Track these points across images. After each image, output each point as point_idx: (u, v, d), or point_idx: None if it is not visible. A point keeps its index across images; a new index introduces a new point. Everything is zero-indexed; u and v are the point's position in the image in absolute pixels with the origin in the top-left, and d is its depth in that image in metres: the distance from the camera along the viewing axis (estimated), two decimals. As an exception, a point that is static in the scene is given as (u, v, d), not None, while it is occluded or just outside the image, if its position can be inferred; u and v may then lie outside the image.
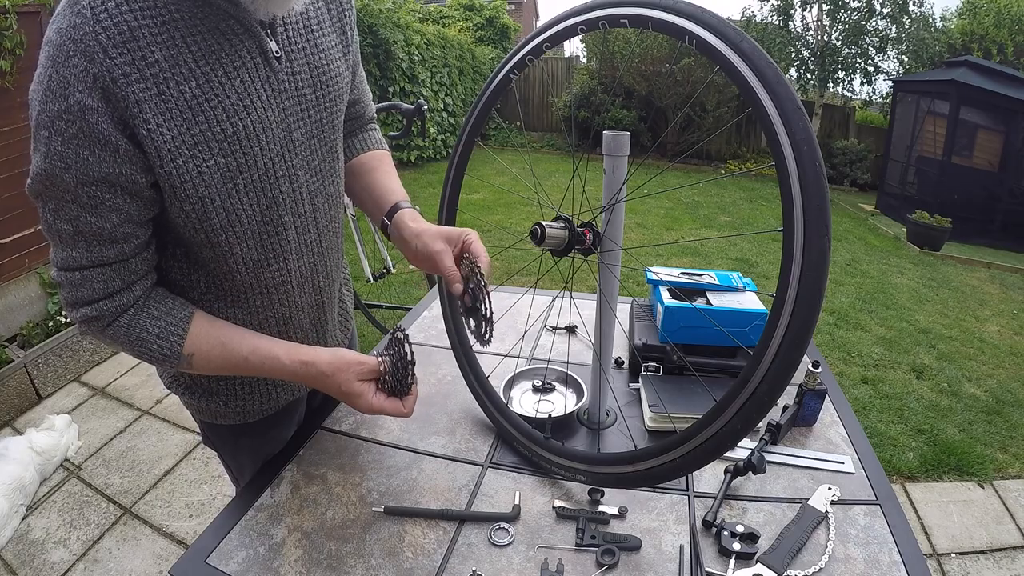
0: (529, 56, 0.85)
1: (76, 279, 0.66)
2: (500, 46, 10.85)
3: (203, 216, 0.68)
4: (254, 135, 0.68)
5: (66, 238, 0.64)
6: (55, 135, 0.58)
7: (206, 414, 0.92)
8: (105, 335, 0.70)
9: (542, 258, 0.86)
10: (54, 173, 0.60)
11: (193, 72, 0.62)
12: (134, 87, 0.59)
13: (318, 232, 0.84)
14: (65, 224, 0.63)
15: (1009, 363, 3.24)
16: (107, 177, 0.61)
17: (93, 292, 0.67)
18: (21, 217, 2.72)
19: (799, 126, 0.56)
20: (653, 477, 0.71)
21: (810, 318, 0.56)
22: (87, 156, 0.59)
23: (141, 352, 0.71)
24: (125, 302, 0.69)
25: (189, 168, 0.64)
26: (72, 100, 0.57)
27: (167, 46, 0.60)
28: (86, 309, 0.68)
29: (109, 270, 0.67)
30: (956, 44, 8.28)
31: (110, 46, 0.57)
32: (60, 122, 0.58)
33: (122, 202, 0.63)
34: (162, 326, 0.71)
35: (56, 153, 0.59)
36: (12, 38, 2.50)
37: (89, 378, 2.73)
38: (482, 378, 1.01)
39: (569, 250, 0.82)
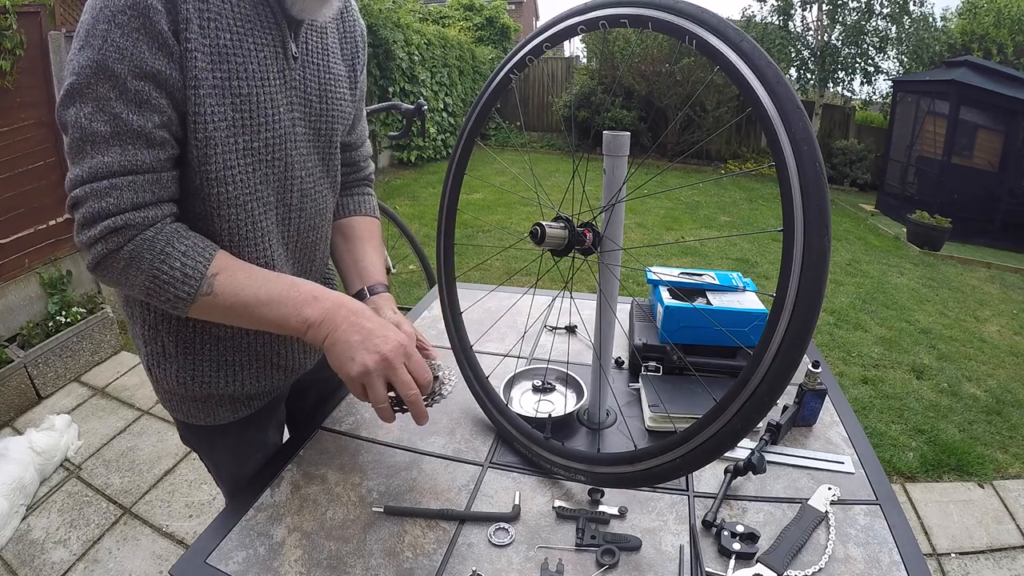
0: (529, 56, 0.85)
1: (103, 188, 0.63)
2: (500, 46, 10.85)
3: (203, 158, 0.69)
4: (263, 106, 0.72)
5: (99, 142, 0.62)
6: (115, 27, 0.60)
7: (180, 412, 0.90)
8: (121, 254, 0.65)
9: (542, 258, 0.86)
10: (107, 64, 0.61)
11: (230, 27, 0.67)
12: (189, 6, 0.63)
13: (298, 232, 0.85)
14: (103, 125, 0.62)
15: (1009, 363, 3.24)
16: (158, 74, 0.63)
17: (121, 202, 0.64)
18: (21, 217, 2.72)
19: (799, 126, 0.56)
20: (653, 477, 0.71)
21: (810, 318, 0.56)
22: (144, 49, 0.62)
23: (160, 269, 0.66)
24: (153, 216, 0.66)
25: (206, 104, 0.67)
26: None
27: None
28: (108, 221, 0.63)
29: (142, 179, 0.65)
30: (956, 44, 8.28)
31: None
32: (123, 16, 0.60)
33: (166, 104, 0.65)
34: (190, 244, 0.68)
35: (113, 44, 0.61)
36: (12, 38, 2.50)
37: (89, 378, 2.73)
38: (482, 378, 1.01)
39: (569, 250, 0.82)
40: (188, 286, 0.67)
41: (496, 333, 1.35)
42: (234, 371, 0.87)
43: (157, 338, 0.82)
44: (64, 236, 2.95)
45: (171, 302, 0.68)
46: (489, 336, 1.34)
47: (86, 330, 2.75)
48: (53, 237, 2.90)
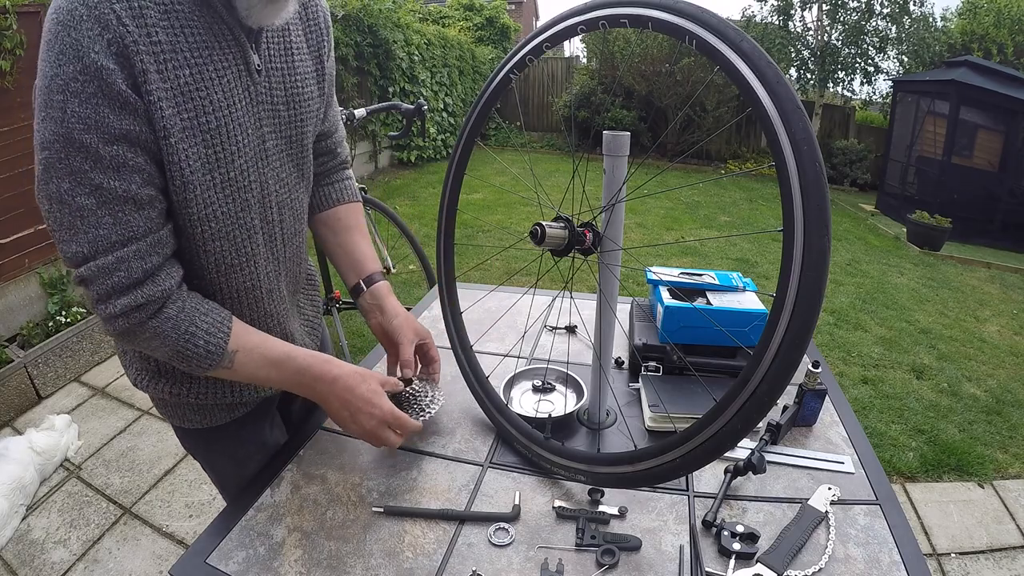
0: (529, 56, 0.85)
1: (109, 263, 0.63)
2: (500, 46, 10.85)
3: (184, 202, 0.69)
4: (233, 134, 0.70)
5: (88, 215, 0.61)
6: (71, 97, 0.58)
7: (175, 417, 0.91)
8: (146, 329, 0.67)
9: (542, 258, 0.86)
10: (72, 136, 0.59)
11: (188, 61, 0.64)
12: (143, 57, 0.60)
13: (284, 242, 0.86)
14: (86, 198, 0.61)
15: (1009, 363, 3.24)
16: (128, 135, 0.61)
17: (132, 273, 0.64)
18: (21, 217, 2.72)
19: (799, 126, 0.56)
20: (653, 477, 0.71)
21: (810, 318, 0.56)
22: (107, 114, 0.59)
23: (185, 347, 0.69)
24: (168, 286, 0.68)
25: (178, 150, 0.66)
26: (88, 61, 0.57)
27: (168, 31, 0.62)
28: (127, 298, 0.64)
29: (144, 244, 0.65)
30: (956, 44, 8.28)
31: (124, 15, 0.59)
32: (76, 83, 0.58)
33: (143, 162, 0.64)
34: (211, 320, 0.71)
35: (75, 115, 0.58)
36: (12, 38, 2.50)
37: (89, 378, 2.73)
38: (482, 378, 1.01)
39: (569, 250, 0.82)
40: (210, 362, 0.72)
41: (496, 333, 1.35)
42: (229, 384, 0.88)
43: (151, 359, 0.83)
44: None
45: (192, 369, 0.73)
46: (489, 336, 1.34)
47: (86, 330, 2.75)
48: (53, 237, 2.90)
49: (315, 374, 0.79)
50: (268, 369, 0.77)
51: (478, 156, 6.64)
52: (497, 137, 9.79)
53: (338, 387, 0.79)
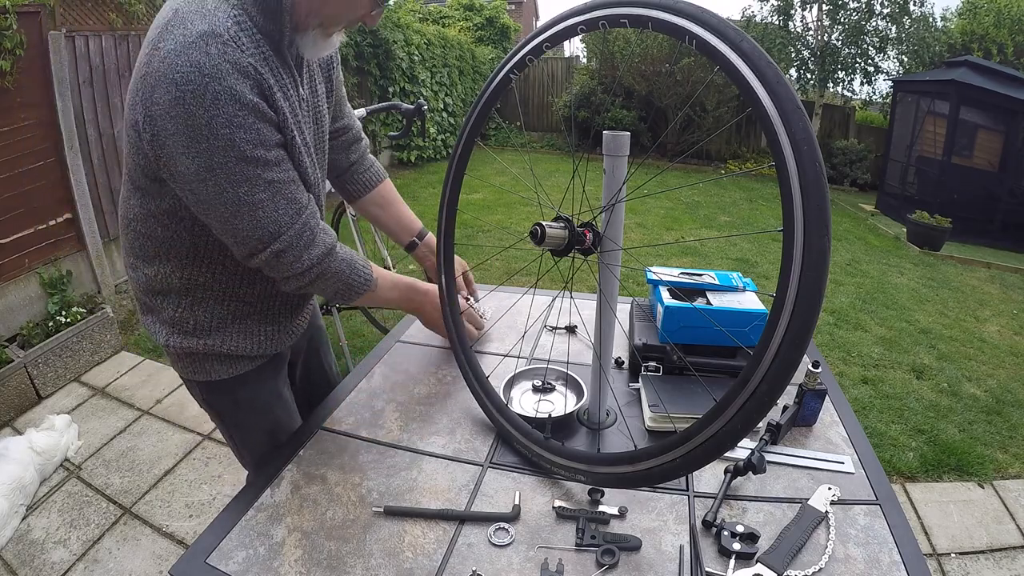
0: (529, 56, 0.85)
1: (297, 230, 0.84)
2: (500, 46, 10.84)
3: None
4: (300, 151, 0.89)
5: (268, 204, 0.81)
6: (236, 128, 0.74)
7: (202, 372, 1.00)
8: (330, 270, 0.90)
9: (542, 258, 0.86)
10: (246, 154, 0.76)
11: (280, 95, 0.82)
12: (275, 94, 0.80)
13: None
14: (263, 192, 0.80)
15: (1009, 363, 3.24)
16: (279, 141, 0.82)
17: (314, 231, 0.87)
18: (21, 217, 2.72)
19: (799, 126, 0.56)
20: (653, 477, 0.71)
21: (810, 318, 0.56)
22: (266, 132, 0.79)
23: (355, 277, 0.94)
24: (333, 235, 0.92)
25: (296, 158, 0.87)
26: (245, 100, 0.74)
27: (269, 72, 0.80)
28: (317, 250, 0.87)
29: (310, 209, 0.87)
30: (956, 44, 8.27)
31: (259, 65, 0.77)
32: (238, 118, 0.74)
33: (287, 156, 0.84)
34: (359, 258, 0.96)
35: (243, 140, 0.75)
36: (12, 38, 2.50)
37: (89, 378, 2.73)
38: (482, 378, 1.01)
39: (569, 250, 0.82)
40: (367, 286, 0.97)
41: (496, 333, 1.35)
42: (259, 337, 1.02)
43: (190, 318, 0.96)
44: (64, 236, 2.95)
45: (350, 298, 0.98)
46: (489, 336, 1.34)
47: (86, 330, 2.75)
48: (53, 237, 2.89)
49: (417, 287, 1.10)
50: (391, 290, 1.04)
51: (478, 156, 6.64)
52: (497, 137, 9.79)
53: (431, 296, 1.11)
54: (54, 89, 2.77)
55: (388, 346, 1.30)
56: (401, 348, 1.30)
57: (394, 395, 1.12)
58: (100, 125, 3.10)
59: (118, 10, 3.09)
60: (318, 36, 0.84)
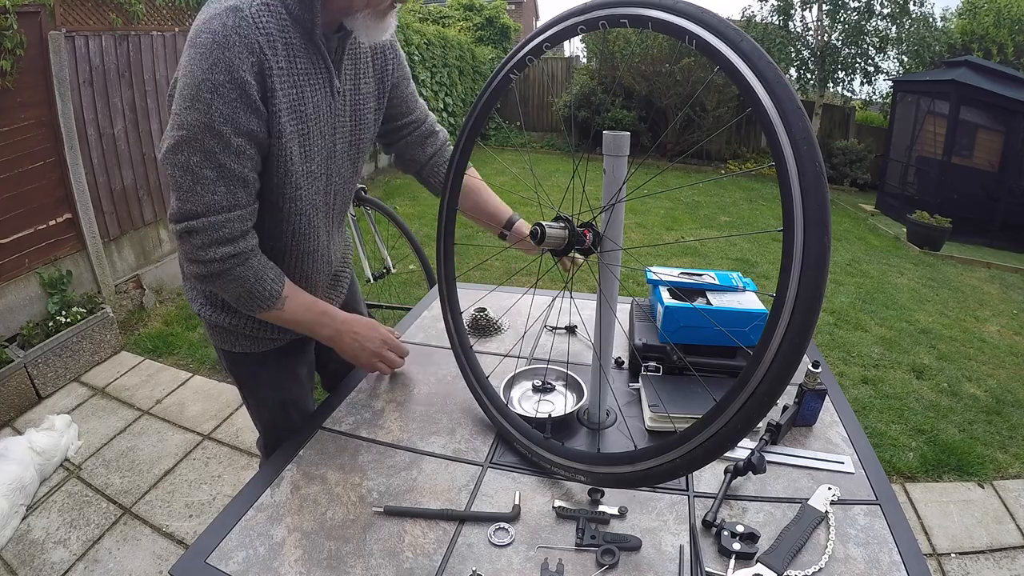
0: (529, 56, 0.85)
1: (218, 222, 0.84)
2: (500, 46, 10.84)
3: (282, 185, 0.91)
4: (315, 138, 0.92)
5: (208, 184, 0.81)
6: (218, 98, 0.77)
7: (227, 343, 1.09)
8: (234, 274, 0.88)
9: (542, 258, 0.86)
10: (213, 125, 0.78)
11: (296, 82, 0.85)
12: (274, 79, 0.82)
13: (335, 220, 1.09)
14: (210, 171, 0.81)
15: (1009, 363, 3.24)
16: (251, 132, 0.82)
17: (233, 231, 0.85)
18: (21, 217, 2.72)
19: (799, 126, 0.56)
20: (653, 477, 0.71)
21: (810, 318, 0.56)
22: (241, 115, 0.80)
23: (257, 287, 0.91)
24: (254, 244, 0.90)
25: (287, 148, 0.87)
26: (236, 75, 0.77)
27: (287, 58, 0.83)
28: (228, 248, 0.86)
29: (243, 212, 0.86)
30: (956, 44, 8.27)
31: (265, 46, 0.80)
32: (223, 88, 0.77)
33: (254, 154, 0.84)
34: (275, 272, 0.94)
35: (218, 111, 0.78)
36: (12, 38, 2.50)
37: (89, 378, 2.73)
38: (482, 378, 1.01)
39: (569, 250, 0.82)
40: (270, 302, 0.93)
41: (496, 333, 1.35)
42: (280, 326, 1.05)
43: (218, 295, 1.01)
44: (64, 236, 2.95)
45: (253, 309, 0.94)
46: (489, 336, 1.34)
47: (86, 330, 2.75)
48: (53, 237, 2.89)
49: (332, 315, 1.04)
50: (303, 313, 0.99)
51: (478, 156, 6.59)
52: (497, 137, 9.78)
53: (348, 324, 1.05)
54: (54, 89, 2.77)
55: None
56: (401, 348, 1.29)
57: (394, 395, 1.12)
58: (100, 125, 3.09)
59: (118, 10, 3.08)
60: (369, 18, 0.85)
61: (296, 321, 1.00)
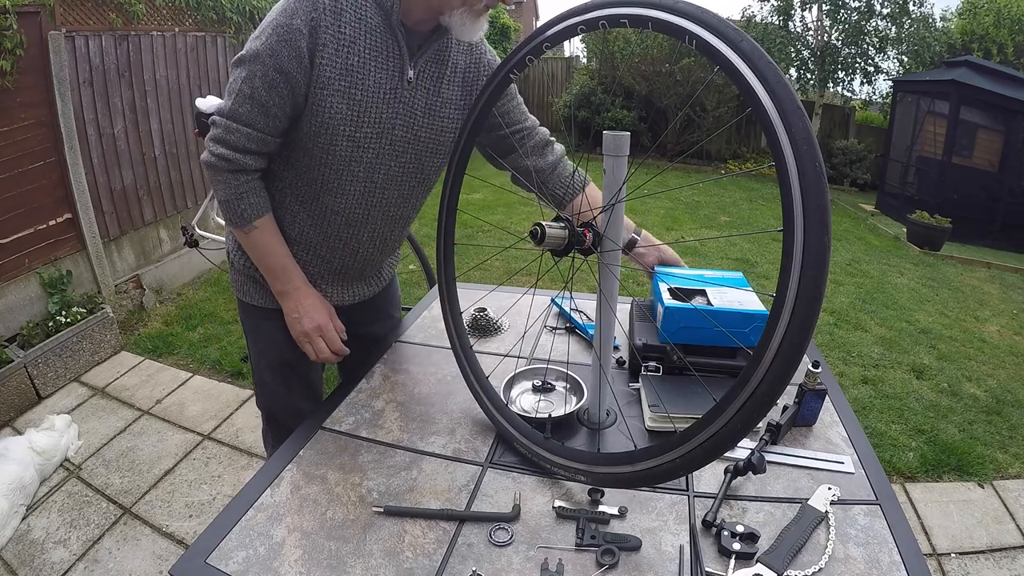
0: (529, 56, 0.85)
1: (232, 127, 0.96)
2: (500, 46, 10.83)
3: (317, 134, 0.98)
4: (368, 109, 0.98)
5: (242, 97, 0.94)
6: (273, 34, 0.90)
7: (241, 291, 1.19)
8: (222, 176, 0.99)
9: (542, 258, 0.86)
10: (261, 53, 0.91)
11: (358, 51, 0.95)
12: (325, 36, 0.92)
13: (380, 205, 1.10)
14: (246, 87, 0.93)
15: (1009, 363, 3.24)
16: (287, 72, 0.92)
17: (239, 142, 0.96)
18: (21, 217, 2.72)
19: (799, 126, 0.56)
20: (653, 477, 0.71)
21: (810, 318, 0.56)
22: (284, 54, 0.91)
23: (232, 200, 1.00)
24: (251, 164, 1.00)
25: (327, 100, 0.95)
26: (294, 22, 0.90)
27: (355, 29, 0.94)
28: (226, 151, 0.97)
29: (254, 134, 0.96)
30: (956, 44, 8.27)
31: (326, 10, 0.91)
32: (281, 29, 0.90)
33: (287, 92, 0.94)
34: (257, 200, 1.03)
35: (270, 45, 0.91)
36: (12, 38, 2.50)
37: (89, 378, 2.73)
38: (482, 378, 1.01)
39: (569, 250, 0.82)
40: (238, 221, 1.03)
41: (496, 333, 1.35)
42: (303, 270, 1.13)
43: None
44: (64, 236, 2.95)
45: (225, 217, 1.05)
46: (489, 336, 1.34)
47: (86, 330, 2.75)
48: (53, 237, 2.89)
49: (289, 275, 1.09)
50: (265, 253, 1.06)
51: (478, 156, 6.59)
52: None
53: (298, 292, 1.10)
54: (54, 89, 2.77)
55: (388, 344, 1.30)
56: (401, 348, 1.30)
57: (394, 395, 1.12)
58: (100, 125, 3.09)
59: (118, 10, 3.09)
60: (466, 15, 0.93)
61: (256, 255, 1.08)
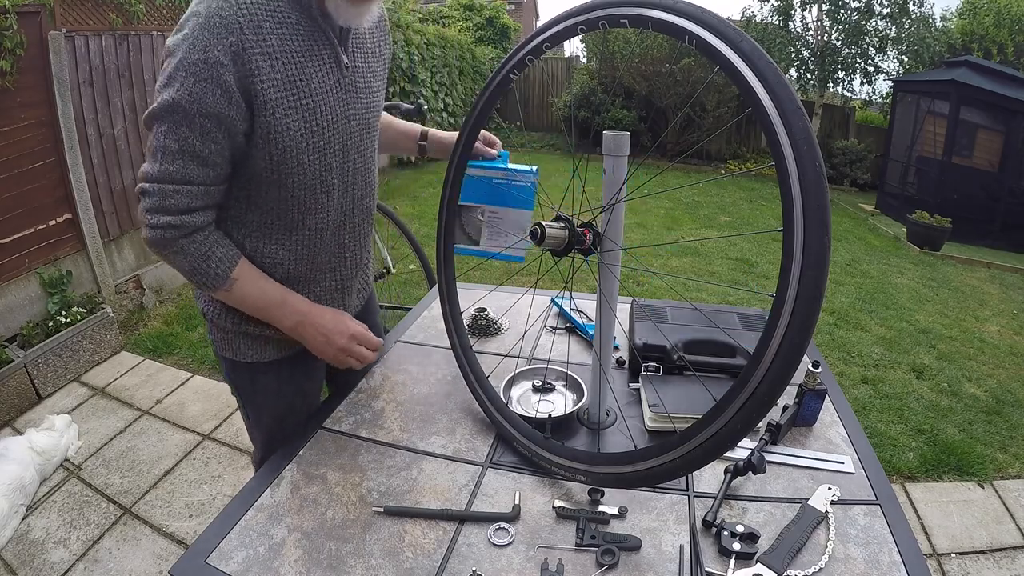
0: (529, 56, 0.85)
1: (168, 190, 0.84)
2: (500, 46, 10.84)
3: (281, 161, 0.89)
4: (324, 113, 0.91)
5: (168, 155, 0.82)
6: (190, 76, 0.78)
7: (230, 350, 1.06)
8: (176, 245, 0.87)
9: (542, 258, 0.86)
10: (181, 103, 0.79)
11: (294, 59, 0.85)
12: (256, 57, 0.81)
13: (354, 199, 1.04)
14: (173, 143, 0.82)
15: (1009, 363, 3.24)
16: (218, 114, 0.81)
17: (180, 205, 0.85)
18: (21, 217, 2.72)
19: (799, 126, 0.56)
20: (653, 477, 0.71)
21: (810, 318, 0.56)
22: (210, 96, 0.80)
23: (200, 266, 0.89)
24: (202, 220, 0.88)
25: (282, 124, 0.86)
26: (210, 55, 0.78)
27: (280, 36, 0.84)
28: (170, 218, 0.85)
29: (195, 189, 0.85)
30: (956, 44, 8.27)
31: (245, 26, 0.80)
32: (196, 68, 0.78)
33: (222, 136, 0.84)
34: (224, 252, 0.91)
35: (187, 89, 0.79)
36: (12, 38, 2.50)
37: (89, 378, 2.73)
38: (482, 378, 1.01)
39: (569, 250, 0.82)
40: (215, 282, 0.91)
41: (496, 333, 1.35)
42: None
43: None
44: (64, 236, 2.95)
45: (199, 285, 0.93)
46: (489, 336, 1.34)
47: (86, 330, 2.75)
48: (53, 237, 2.89)
49: (294, 305, 0.99)
50: (258, 298, 0.96)
51: (478, 156, 6.57)
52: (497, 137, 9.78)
53: (311, 316, 0.99)
54: (54, 89, 2.77)
55: (388, 346, 1.30)
56: (401, 348, 1.30)
57: (394, 395, 1.12)
58: (100, 125, 3.09)
59: (118, 10, 3.08)
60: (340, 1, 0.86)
61: (251, 306, 0.97)
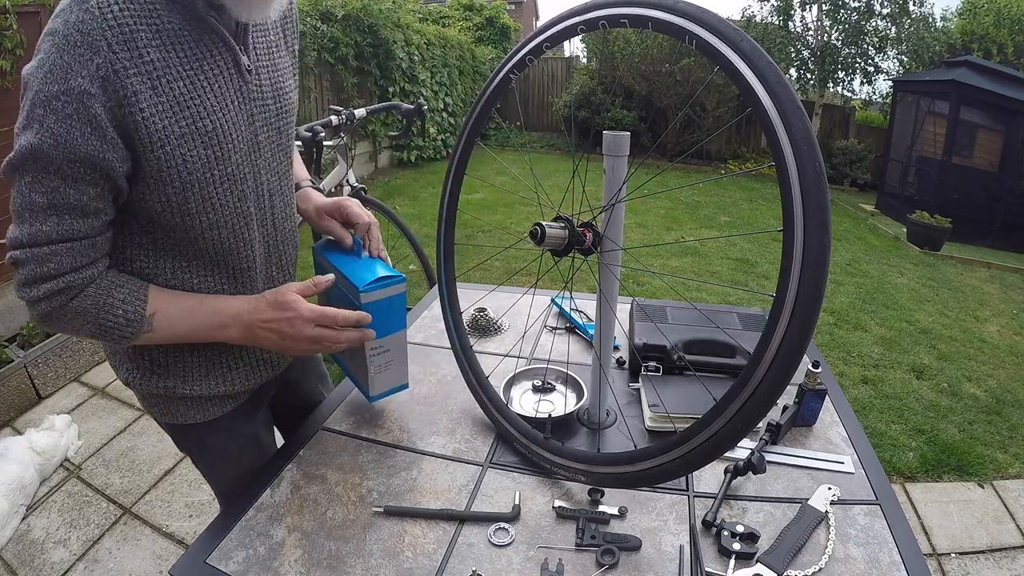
0: (529, 56, 0.85)
1: (44, 254, 0.68)
2: (500, 46, 10.84)
3: (183, 200, 0.73)
4: (228, 133, 0.75)
5: (37, 212, 0.66)
6: (50, 113, 0.63)
7: (168, 414, 0.91)
8: (67, 309, 0.71)
9: (542, 258, 0.86)
10: (42, 149, 0.63)
11: (181, 74, 0.69)
12: (132, 80, 0.65)
13: (275, 226, 0.89)
14: (40, 197, 0.66)
15: (1009, 363, 3.24)
16: (90, 156, 0.65)
17: (61, 266, 0.69)
18: (21, 217, 2.72)
19: (799, 126, 0.56)
20: (653, 477, 0.71)
21: (810, 318, 0.56)
22: (77, 134, 0.64)
23: (106, 319, 0.72)
24: (92, 274, 0.72)
25: (175, 156, 0.70)
26: (73, 84, 0.62)
27: (160, 49, 0.67)
28: (51, 284, 0.69)
29: (78, 245, 0.69)
30: (956, 44, 8.28)
31: (114, 42, 0.63)
32: (57, 102, 0.62)
33: (99, 179, 0.68)
34: (127, 291, 0.74)
35: (48, 130, 0.63)
36: (12, 38, 2.50)
37: (89, 378, 2.73)
38: (482, 378, 1.01)
39: (569, 250, 0.82)
40: (131, 328, 0.74)
41: (496, 333, 1.35)
42: (223, 372, 0.89)
43: (144, 353, 0.85)
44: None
45: (116, 340, 0.76)
46: (489, 336, 1.34)
47: (86, 330, 2.75)
48: (53, 237, 2.90)
49: (231, 311, 0.80)
50: (186, 320, 0.78)
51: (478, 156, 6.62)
52: (497, 137, 9.79)
53: (255, 315, 0.80)
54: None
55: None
56: (401, 348, 1.29)
57: (394, 395, 1.11)
58: (100, 125, 3.10)
59: (118, 10, 3.09)
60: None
61: (184, 335, 0.80)
